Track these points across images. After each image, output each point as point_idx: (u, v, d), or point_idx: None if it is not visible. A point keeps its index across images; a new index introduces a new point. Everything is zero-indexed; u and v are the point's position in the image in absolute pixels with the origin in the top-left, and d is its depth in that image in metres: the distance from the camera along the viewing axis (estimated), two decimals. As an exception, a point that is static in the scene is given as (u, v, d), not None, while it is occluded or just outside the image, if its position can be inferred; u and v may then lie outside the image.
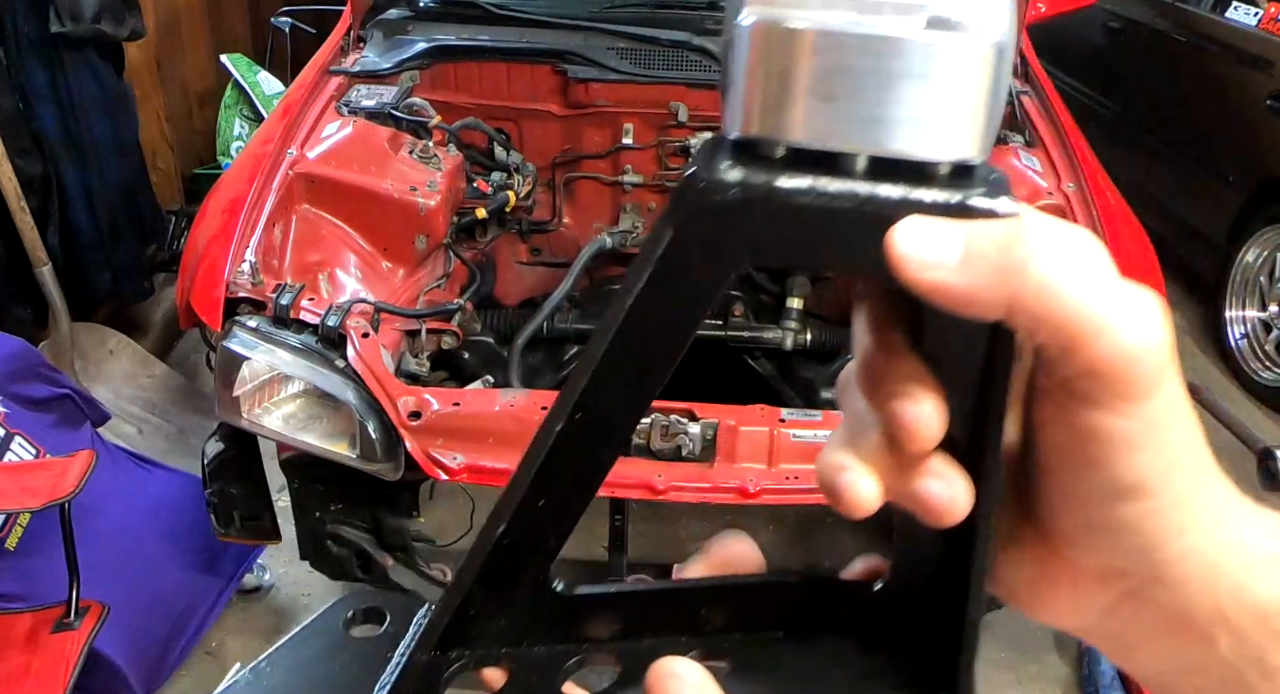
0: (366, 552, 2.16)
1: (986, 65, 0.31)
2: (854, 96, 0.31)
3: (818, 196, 0.32)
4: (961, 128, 0.32)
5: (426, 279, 2.44)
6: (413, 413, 1.89)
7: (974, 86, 0.32)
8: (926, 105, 0.31)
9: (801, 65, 0.31)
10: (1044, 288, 0.30)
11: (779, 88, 0.32)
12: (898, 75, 0.31)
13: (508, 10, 2.79)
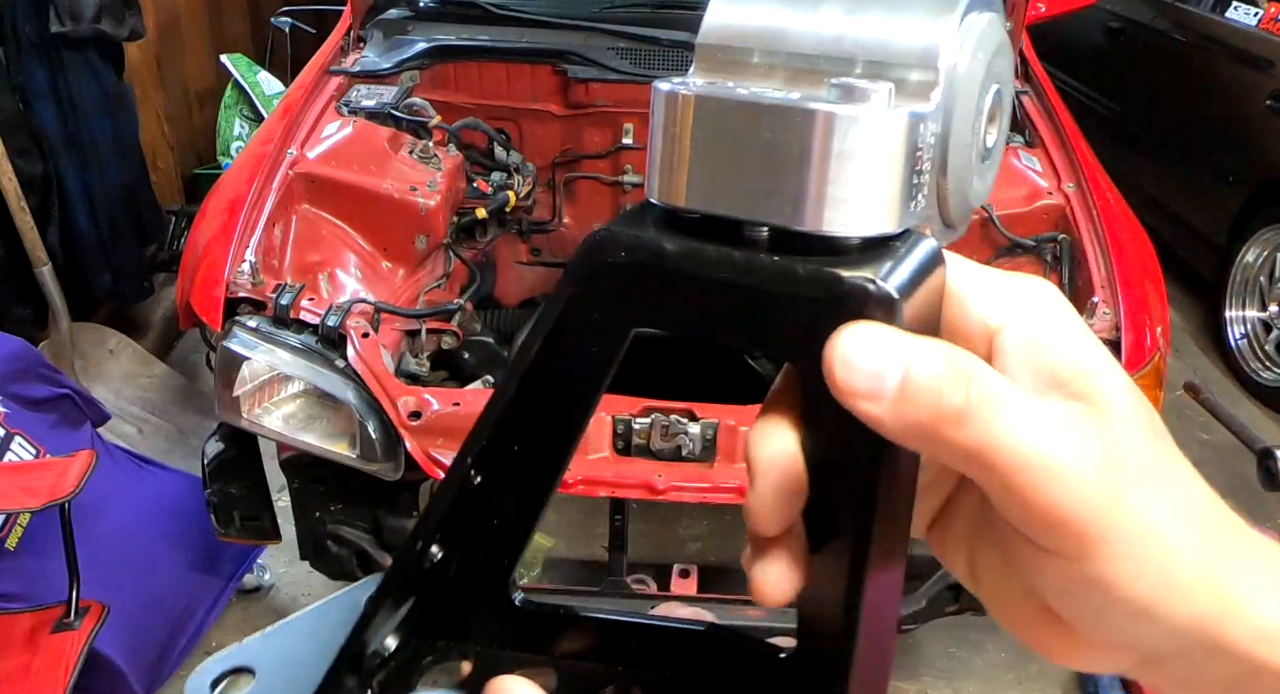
0: (366, 552, 2.16)
1: (889, 139, 0.30)
2: (742, 167, 0.31)
3: (693, 262, 0.31)
4: (861, 203, 0.30)
5: (426, 279, 2.44)
6: (413, 413, 1.89)
7: (875, 162, 0.30)
8: (818, 180, 0.30)
9: (694, 133, 0.31)
10: (981, 449, 0.29)
11: (677, 154, 0.32)
12: (786, 149, 0.30)
13: (508, 10, 2.79)
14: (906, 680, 2.59)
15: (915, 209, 0.32)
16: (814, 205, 0.30)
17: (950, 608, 2.19)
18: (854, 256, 0.31)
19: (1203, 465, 1.19)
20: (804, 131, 0.30)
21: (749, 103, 0.31)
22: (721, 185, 0.31)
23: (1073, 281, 2.20)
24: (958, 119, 0.33)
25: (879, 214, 0.31)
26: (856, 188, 0.30)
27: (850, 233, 0.31)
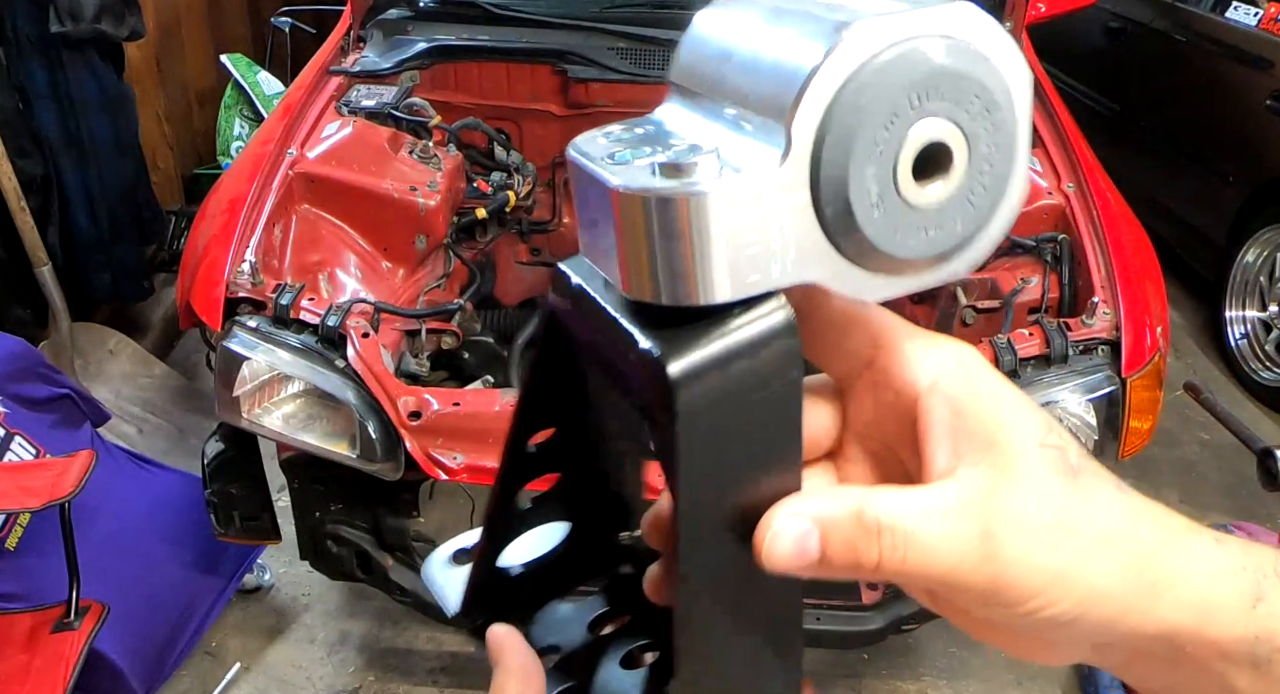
0: (366, 552, 2.16)
1: (696, 217, 0.30)
2: (593, 236, 0.33)
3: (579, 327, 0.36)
4: (679, 276, 0.31)
5: (426, 279, 2.44)
6: (413, 413, 1.89)
7: (689, 236, 0.31)
8: (626, 249, 0.32)
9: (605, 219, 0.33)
10: (898, 577, 0.35)
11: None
12: (604, 215, 0.32)
13: (508, 10, 2.79)
14: (906, 680, 2.59)
15: (762, 278, 0.32)
16: (626, 274, 0.32)
17: (950, 608, 2.19)
18: (688, 327, 0.32)
19: (1203, 465, 1.19)
20: (608, 204, 0.32)
21: (589, 175, 0.33)
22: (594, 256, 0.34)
23: (1073, 281, 2.20)
24: (833, 168, 0.31)
25: (703, 286, 0.31)
26: (677, 263, 0.31)
27: (666, 302, 0.32)
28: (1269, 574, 0.37)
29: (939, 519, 0.34)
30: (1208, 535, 0.37)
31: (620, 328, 0.33)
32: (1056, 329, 1.97)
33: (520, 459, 0.42)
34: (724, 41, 0.34)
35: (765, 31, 0.33)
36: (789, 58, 0.31)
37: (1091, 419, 1.93)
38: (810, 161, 0.31)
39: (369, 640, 2.65)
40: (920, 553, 0.34)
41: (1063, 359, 1.94)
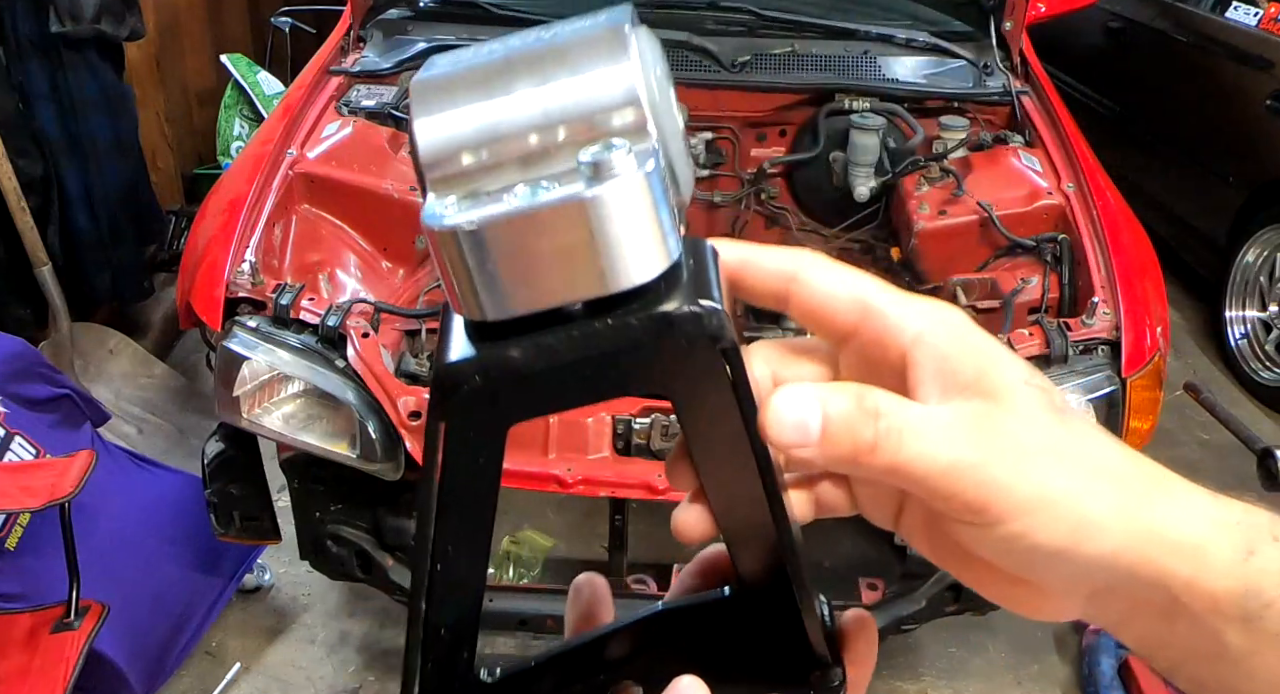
0: (366, 552, 2.16)
1: (646, 195, 0.34)
2: (540, 265, 0.34)
3: (542, 355, 0.35)
4: (647, 250, 0.34)
5: (426, 279, 2.44)
6: (413, 413, 1.89)
7: (644, 216, 0.34)
8: (607, 251, 0.34)
9: (485, 258, 0.34)
10: (895, 467, 0.36)
11: (477, 278, 0.34)
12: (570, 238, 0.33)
13: (508, 10, 2.79)
14: (906, 680, 2.59)
15: (678, 224, 0.36)
16: (611, 272, 0.34)
17: (950, 608, 2.19)
18: (664, 290, 0.35)
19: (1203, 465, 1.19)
20: (581, 220, 0.33)
21: (526, 216, 0.33)
22: (528, 289, 0.34)
23: (1073, 281, 2.20)
24: (666, 130, 0.36)
25: (663, 250, 0.34)
26: (639, 242, 0.34)
27: (648, 277, 0.34)
28: (1263, 531, 0.37)
29: (936, 423, 0.36)
30: (1202, 489, 0.38)
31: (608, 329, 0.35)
32: (1056, 329, 1.97)
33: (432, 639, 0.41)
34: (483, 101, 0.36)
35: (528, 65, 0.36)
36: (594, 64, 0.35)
37: (1091, 419, 1.93)
38: (656, 126, 0.35)
39: (369, 640, 2.65)
40: (916, 445, 0.35)
41: (1063, 359, 1.94)
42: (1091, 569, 0.36)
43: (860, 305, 0.39)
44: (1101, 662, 2.50)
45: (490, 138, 0.35)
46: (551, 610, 2.12)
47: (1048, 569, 0.37)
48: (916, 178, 2.48)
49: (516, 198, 0.34)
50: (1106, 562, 0.36)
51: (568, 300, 0.35)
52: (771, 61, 2.71)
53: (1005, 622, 2.66)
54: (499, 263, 0.34)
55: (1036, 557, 0.36)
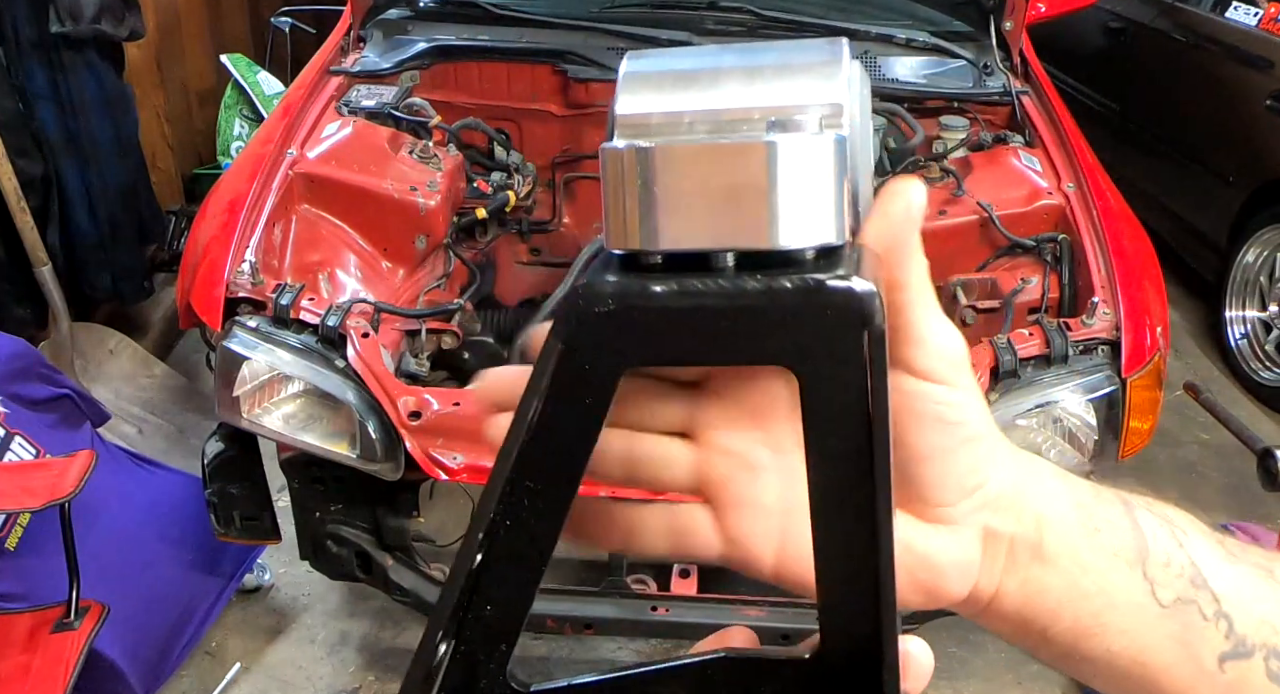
0: (366, 552, 2.16)
1: (827, 158, 0.34)
2: (706, 203, 0.34)
3: (685, 297, 0.34)
4: (815, 217, 0.34)
5: (426, 279, 2.44)
6: (413, 413, 1.89)
7: (820, 179, 0.34)
8: (777, 202, 0.33)
9: (653, 181, 0.34)
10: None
11: (639, 204, 0.34)
12: (744, 179, 0.33)
13: (508, 10, 2.79)
14: (906, 680, 2.59)
15: (849, 222, 0.35)
16: (776, 225, 0.33)
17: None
18: (811, 265, 0.34)
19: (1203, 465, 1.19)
20: (759, 162, 0.33)
21: (705, 146, 0.34)
22: (687, 224, 0.34)
23: (1073, 281, 2.20)
24: (857, 143, 0.36)
25: (827, 226, 0.34)
26: (809, 205, 0.34)
27: (808, 244, 0.34)
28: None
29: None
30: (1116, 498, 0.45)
31: (759, 285, 0.34)
32: (1056, 329, 1.97)
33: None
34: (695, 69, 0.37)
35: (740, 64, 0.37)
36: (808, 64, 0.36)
37: (1091, 419, 1.93)
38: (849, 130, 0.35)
39: (369, 640, 2.64)
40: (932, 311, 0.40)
41: (1063, 359, 1.94)
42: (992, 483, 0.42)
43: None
44: (1101, 662, 2.50)
45: (689, 106, 0.35)
46: (551, 611, 2.12)
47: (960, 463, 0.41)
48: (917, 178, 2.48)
49: (699, 133, 0.34)
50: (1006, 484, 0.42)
51: (726, 245, 0.34)
52: (772, 61, 2.71)
53: (1005, 622, 2.66)
54: (667, 190, 0.34)
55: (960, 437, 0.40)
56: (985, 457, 0.41)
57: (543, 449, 0.37)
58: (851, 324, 0.34)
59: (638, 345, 0.35)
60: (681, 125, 0.35)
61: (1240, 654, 0.43)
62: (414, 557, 2.18)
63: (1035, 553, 0.42)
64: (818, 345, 0.34)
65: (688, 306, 0.34)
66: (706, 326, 0.34)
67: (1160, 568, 0.43)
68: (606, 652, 2.60)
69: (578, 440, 0.37)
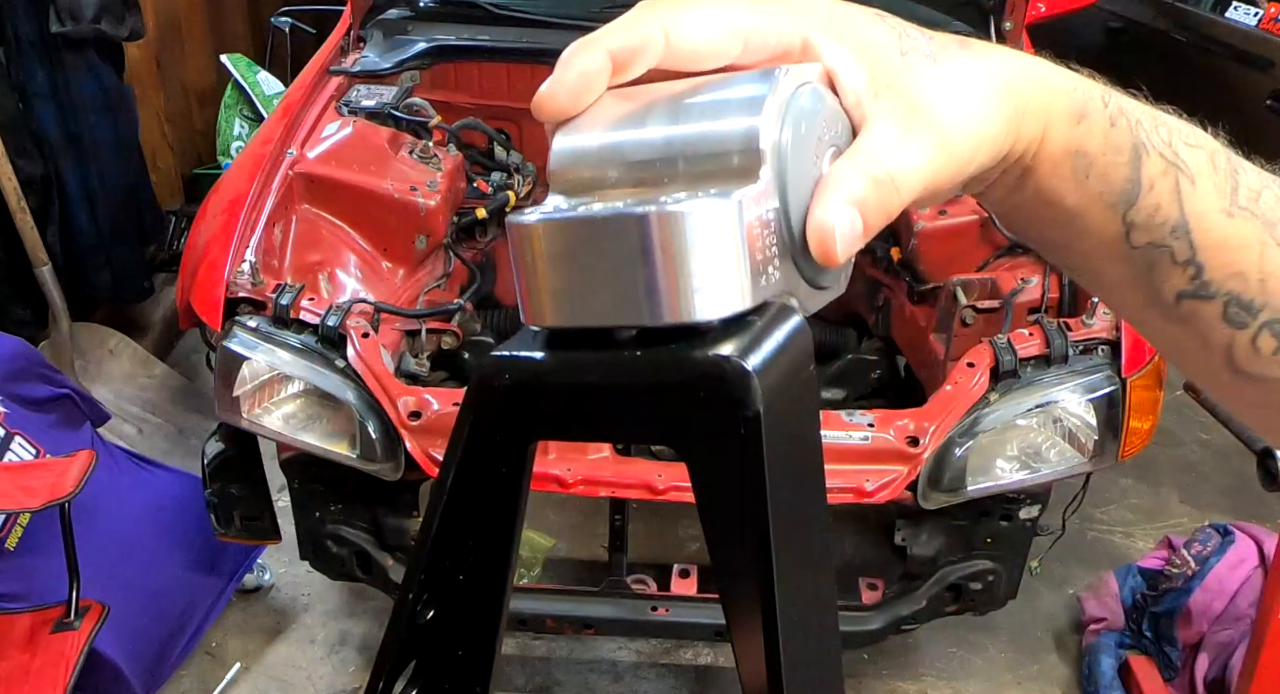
0: (366, 552, 2.16)
1: (718, 225, 0.32)
2: (590, 278, 0.33)
3: (570, 373, 0.33)
4: (705, 288, 0.32)
5: (426, 279, 2.44)
6: (413, 413, 1.89)
7: (710, 248, 0.32)
8: (658, 276, 0.32)
9: (546, 256, 0.33)
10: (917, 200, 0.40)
11: (536, 278, 0.34)
12: (623, 254, 0.32)
13: (508, 10, 2.79)
14: (906, 680, 2.59)
15: (769, 282, 0.34)
16: (665, 300, 0.32)
17: (950, 608, 2.19)
18: (714, 337, 0.32)
19: (1203, 465, 1.19)
20: (638, 235, 0.32)
21: (584, 218, 0.33)
22: (580, 299, 0.33)
23: (1073, 282, 2.20)
24: (793, 192, 0.35)
25: (728, 296, 0.32)
26: (701, 277, 0.32)
27: (705, 318, 0.32)
28: (1094, 97, 0.44)
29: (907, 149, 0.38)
30: (1047, 61, 0.44)
31: (634, 361, 0.33)
32: (1056, 329, 1.97)
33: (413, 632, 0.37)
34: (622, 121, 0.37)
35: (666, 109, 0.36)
36: (729, 105, 0.35)
37: (1091, 419, 1.93)
38: (777, 182, 0.34)
39: (369, 640, 2.64)
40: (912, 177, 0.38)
41: (1063, 359, 1.94)
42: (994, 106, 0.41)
43: (737, 36, 0.39)
44: (1102, 661, 2.50)
45: (611, 157, 0.36)
46: (551, 610, 2.12)
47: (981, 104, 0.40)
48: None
49: (589, 207, 0.33)
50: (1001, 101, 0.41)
51: (612, 322, 0.33)
52: (771, 61, 2.71)
53: (1005, 622, 2.66)
54: (558, 266, 0.33)
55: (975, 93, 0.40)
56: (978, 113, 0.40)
57: (463, 517, 0.36)
58: (725, 406, 0.32)
59: (538, 419, 0.35)
60: (605, 180, 0.35)
61: (1201, 295, 0.44)
62: (414, 557, 2.18)
63: (1021, 178, 0.43)
64: (697, 426, 0.33)
65: (575, 383, 0.34)
66: (597, 403, 0.34)
67: (1144, 215, 0.43)
68: (606, 652, 2.60)
69: (500, 507, 0.36)
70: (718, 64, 0.39)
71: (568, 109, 0.38)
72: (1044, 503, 2.12)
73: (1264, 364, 0.44)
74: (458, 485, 0.36)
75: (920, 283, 2.41)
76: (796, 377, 0.34)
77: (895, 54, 0.40)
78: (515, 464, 0.36)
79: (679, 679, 2.56)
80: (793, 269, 0.36)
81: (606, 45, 0.38)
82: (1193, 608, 2.40)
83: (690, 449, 0.33)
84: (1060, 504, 2.32)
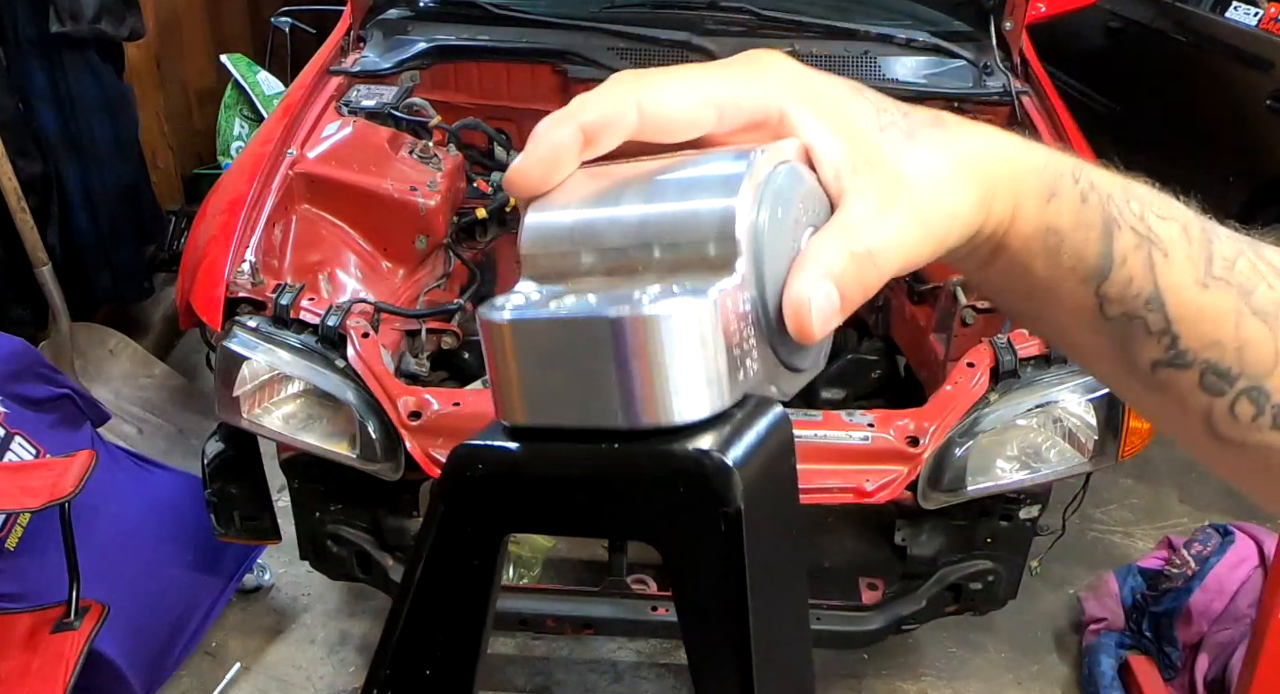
0: (366, 552, 2.16)
1: (697, 325, 0.31)
2: (559, 379, 0.32)
3: (544, 465, 0.33)
4: (677, 390, 0.31)
5: (426, 279, 2.44)
6: (413, 413, 1.89)
7: (686, 349, 0.31)
8: (630, 380, 0.31)
9: (516, 355, 0.33)
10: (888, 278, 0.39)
11: (506, 376, 0.33)
12: (592, 357, 0.31)
13: (508, 10, 2.79)
14: (906, 680, 2.59)
15: (746, 376, 0.33)
16: (641, 405, 0.31)
17: (950, 608, 2.19)
18: (693, 430, 0.31)
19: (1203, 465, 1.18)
20: (611, 338, 0.31)
21: (556, 320, 0.32)
22: (553, 401, 0.32)
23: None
24: (770, 277, 0.34)
25: (707, 397, 0.31)
26: (678, 380, 0.31)
27: (683, 421, 0.31)
28: (1064, 175, 0.43)
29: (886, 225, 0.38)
30: (1018, 138, 0.43)
31: (612, 453, 0.32)
32: (1056, 329, 1.97)
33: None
34: (596, 201, 0.36)
35: (640, 189, 0.35)
36: (705, 185, 0.34)
37: (1091, 419, 1.93)
38: (754, 270, 0.33)
39: (369, 640, 2.64)
40: (891, 254, 0.38)
41: (1063, 359, 1.94)
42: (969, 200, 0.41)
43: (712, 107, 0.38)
44: (1101, 661, 2.50)
45: (584, 240, 0.35)
46: (551, 610, 2.12)
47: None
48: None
49: (559, 304, 0.32)
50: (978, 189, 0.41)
51: (585, 424, 0.32)
52: (771, 61, 2.71)
53: (1005, 622, 2.66)
54: (523, 367, 0.32)
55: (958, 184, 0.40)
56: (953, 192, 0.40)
57: (432, 611, 0.35)
58: (705, 502, 0.31)
59: (511, 512, 0.34)
60: (578, 266, 0.35)
61: (1177, 365, 0.44)
62: (414, 557, 2.18)
63: (993, 254, 0.44)
64: (676, 522, 0.32)
65: (549, 476, 0.33)
66: (572, 497, 0.33)
67: (1117, 289, 0.44)
68: (606, 652, 2.60)
69: (470, 600, 0.35)
70: (692, 135, 0.38)
71: (539, 185, 0.38)
72: (1044, 503, 2.12)
73: (1243, 430, 0.44)
74: (426, 577, 0.35)
75: (920, 283, 2.42)
76: (778, 470, 0.34)
77: (873, 129, 0.40)
78: (487, 556, 0.35)
79: (679, 679, 2.56)
80: (770, 354, 0.35)
81: (579, 119, 0.37)
82: (1193, 608, 2.41)
83: (668, 545, 0.32)
84: (1060, 504, 2.32)
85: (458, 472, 0.34)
